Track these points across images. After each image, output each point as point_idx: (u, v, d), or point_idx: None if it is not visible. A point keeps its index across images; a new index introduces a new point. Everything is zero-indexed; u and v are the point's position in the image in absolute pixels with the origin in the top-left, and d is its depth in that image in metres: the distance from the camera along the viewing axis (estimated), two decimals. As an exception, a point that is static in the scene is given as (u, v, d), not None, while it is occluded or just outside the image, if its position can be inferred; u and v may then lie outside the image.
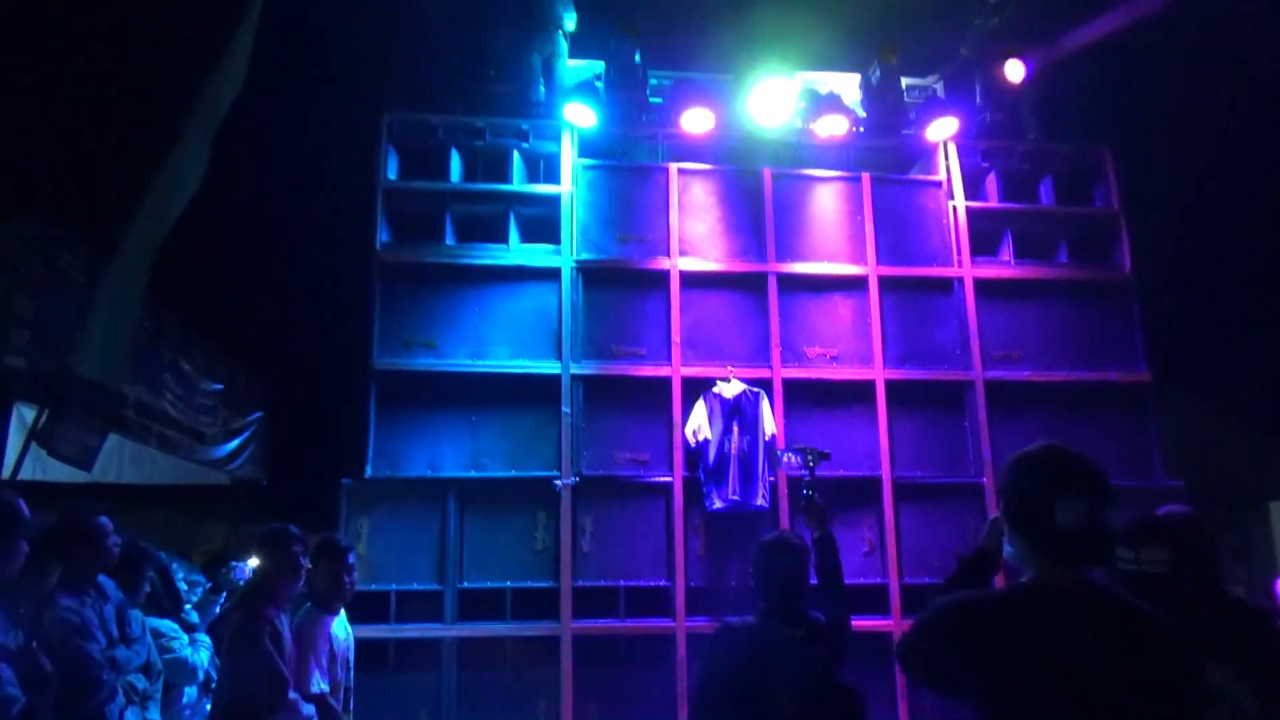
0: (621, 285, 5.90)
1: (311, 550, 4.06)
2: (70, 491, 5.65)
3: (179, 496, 11.59)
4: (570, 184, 5.95)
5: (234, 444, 11.55)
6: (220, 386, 11.25)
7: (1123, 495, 5.48)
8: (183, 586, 5.00)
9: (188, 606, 4.88)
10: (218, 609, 5.10)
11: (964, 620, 1.83)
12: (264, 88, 5.30)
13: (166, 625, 4.51)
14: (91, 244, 6.43)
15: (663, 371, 5.77)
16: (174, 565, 5.08)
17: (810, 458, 4.12)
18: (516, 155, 6.01)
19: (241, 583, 5.19)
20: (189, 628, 4.68)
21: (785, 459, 5.29)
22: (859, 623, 5.25)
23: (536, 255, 5.87)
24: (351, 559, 4.16)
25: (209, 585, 5.44)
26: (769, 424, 5.65)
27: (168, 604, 4.70)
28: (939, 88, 6.56)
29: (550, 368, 5.71)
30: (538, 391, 5.68)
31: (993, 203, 6.31)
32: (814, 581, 3.48)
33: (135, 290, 4.82)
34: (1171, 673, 1.71)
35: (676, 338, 5.80)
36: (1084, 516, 1.77)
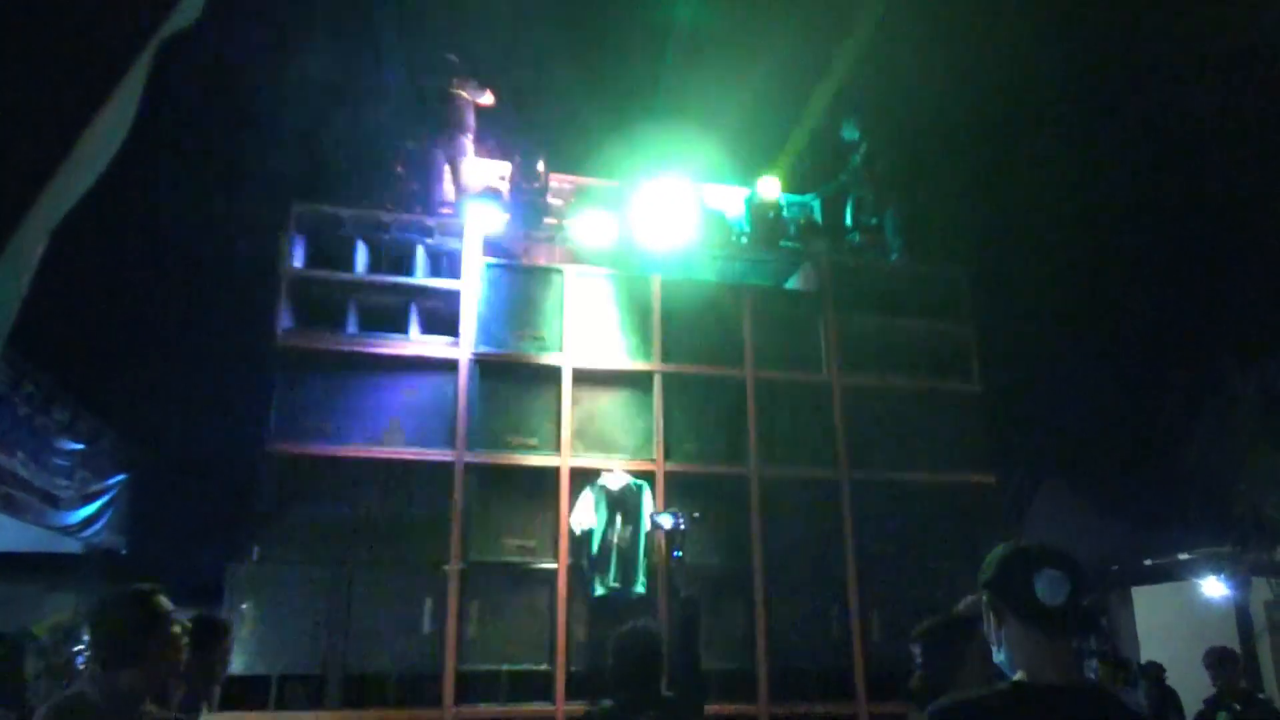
0: (516, 379, 6.51)
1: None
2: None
3: (22, 565, 11.35)
4: (471, 280, 6.57)
5: (91, 508, 11.40)
6: (81, 446, 11.15)
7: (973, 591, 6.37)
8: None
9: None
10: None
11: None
12: (174, 165, 5.74)
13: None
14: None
15: (552, 462, 6.37)
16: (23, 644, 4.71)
17: (683, 519, 4.81)
18: (420, 250, 6.61)
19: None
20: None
21: (660, 520, 5.90)
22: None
23: (436, 347, 6.43)
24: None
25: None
26: (663, 509, 6.32)
27: (7, 689, 4.41)
28: (816, 205, 7.56)
29: (444, 455, 6.24)
30: (431, 478, 6.16)
31: (860, 315, 7.25)
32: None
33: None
34: None
35: (566, 430, 6.43)
36: (1063, 590, 1.94)
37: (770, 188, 7.21)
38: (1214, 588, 12.96)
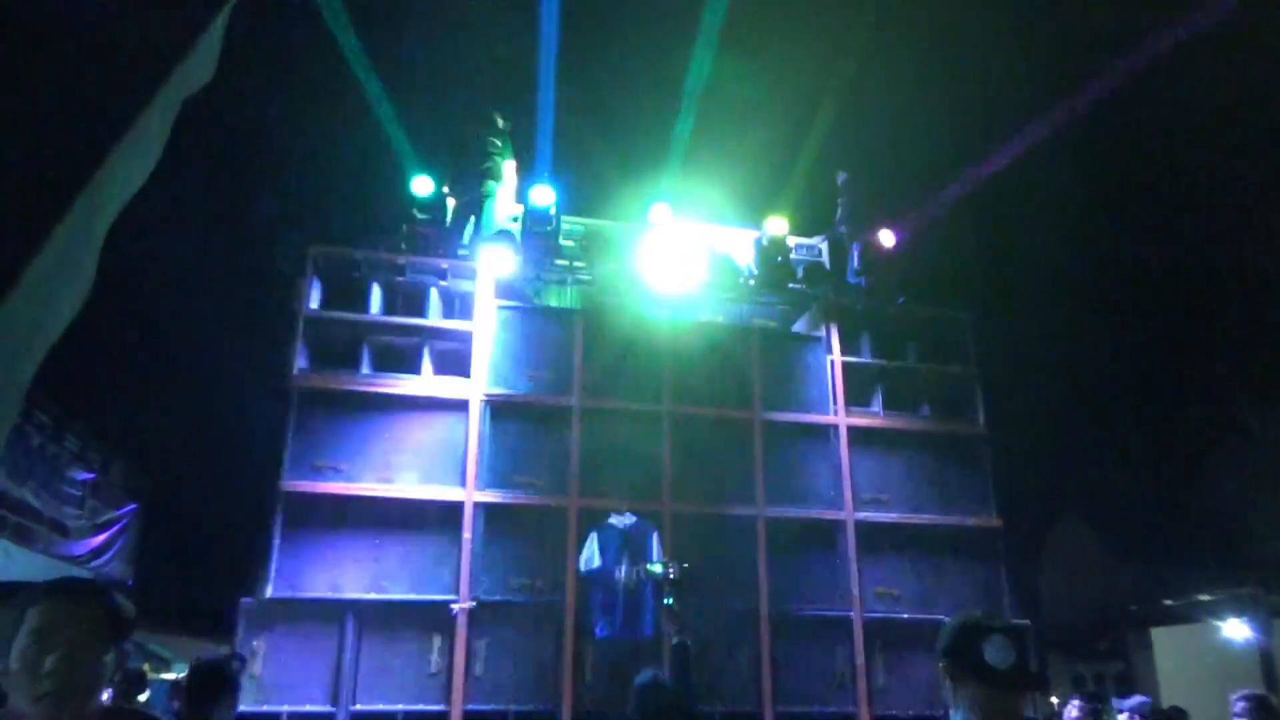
0: (526, 419, 6.77)
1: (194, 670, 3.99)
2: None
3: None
4: (483, 322, 6.84)
5: (101, 539, 11.68)
6: (92, 476, 11.44)
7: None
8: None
9: None
10: None
11: None
12: (193, 202, 6.03)
13: None
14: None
15: (561, 502, 6.60)
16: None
17: (674, 568, 5.09)
18: (434, 292, 6.90)
19: None
20: None
21: (652, 569, 6.11)
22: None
23: (448, 387, 6.69)
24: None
25: None
26: (658, 556, 6.54)
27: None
28: (823, 248, 7.81)
29: (454, 494, 6.48)
30: (441, 517, 6.40)
31: (866, 359, 7.49)
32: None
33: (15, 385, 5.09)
34: None
35: (575, 470, 6.68)
36: (1009, 654, 2.22)
37: (778, 230, 7.45)
38: (1236, 629, 12.98)
